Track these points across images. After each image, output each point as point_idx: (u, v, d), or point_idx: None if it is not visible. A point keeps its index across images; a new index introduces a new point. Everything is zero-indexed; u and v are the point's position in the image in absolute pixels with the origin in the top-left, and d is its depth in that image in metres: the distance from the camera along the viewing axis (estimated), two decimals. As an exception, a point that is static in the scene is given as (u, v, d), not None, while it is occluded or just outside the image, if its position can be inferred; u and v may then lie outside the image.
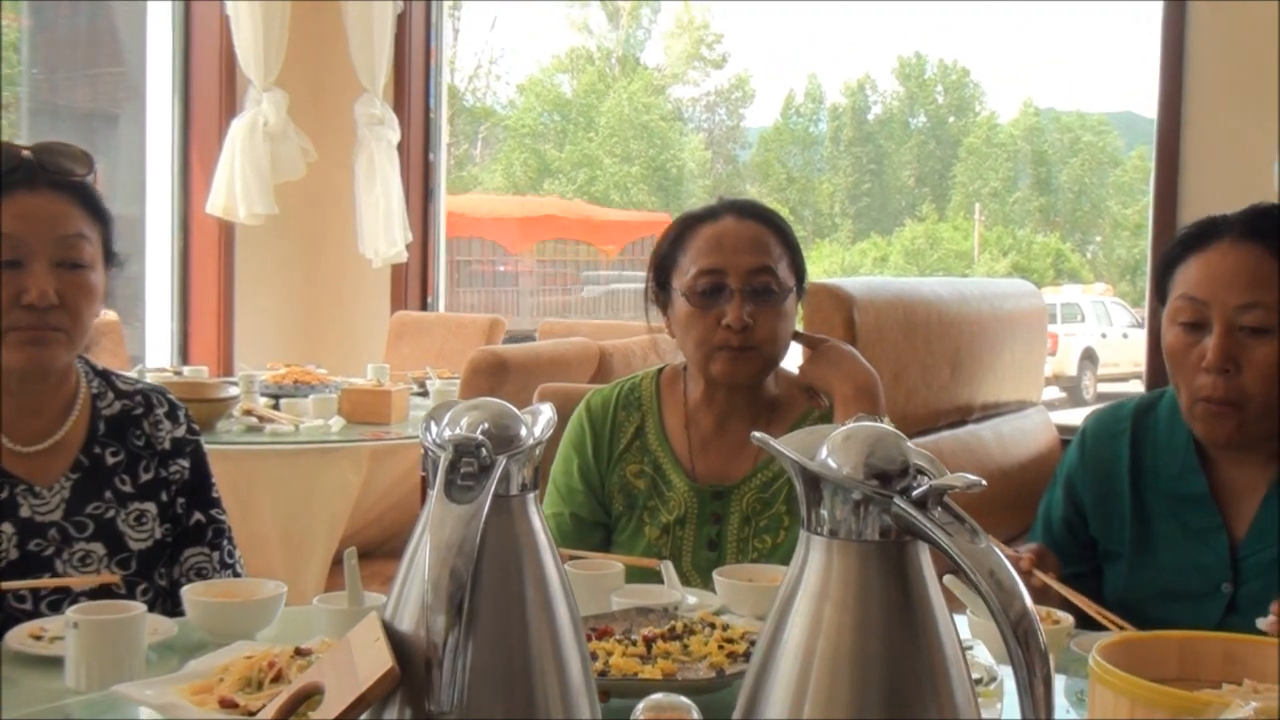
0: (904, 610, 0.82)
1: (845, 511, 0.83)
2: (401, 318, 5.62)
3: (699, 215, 2.12)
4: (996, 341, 3.75)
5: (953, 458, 3.45)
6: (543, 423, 1.03)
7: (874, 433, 0.85)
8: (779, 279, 2.05)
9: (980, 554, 0.79)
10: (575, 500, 2.15)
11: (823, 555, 0.84)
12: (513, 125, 27.26)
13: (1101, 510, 1.98)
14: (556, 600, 0.99)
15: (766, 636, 0.85)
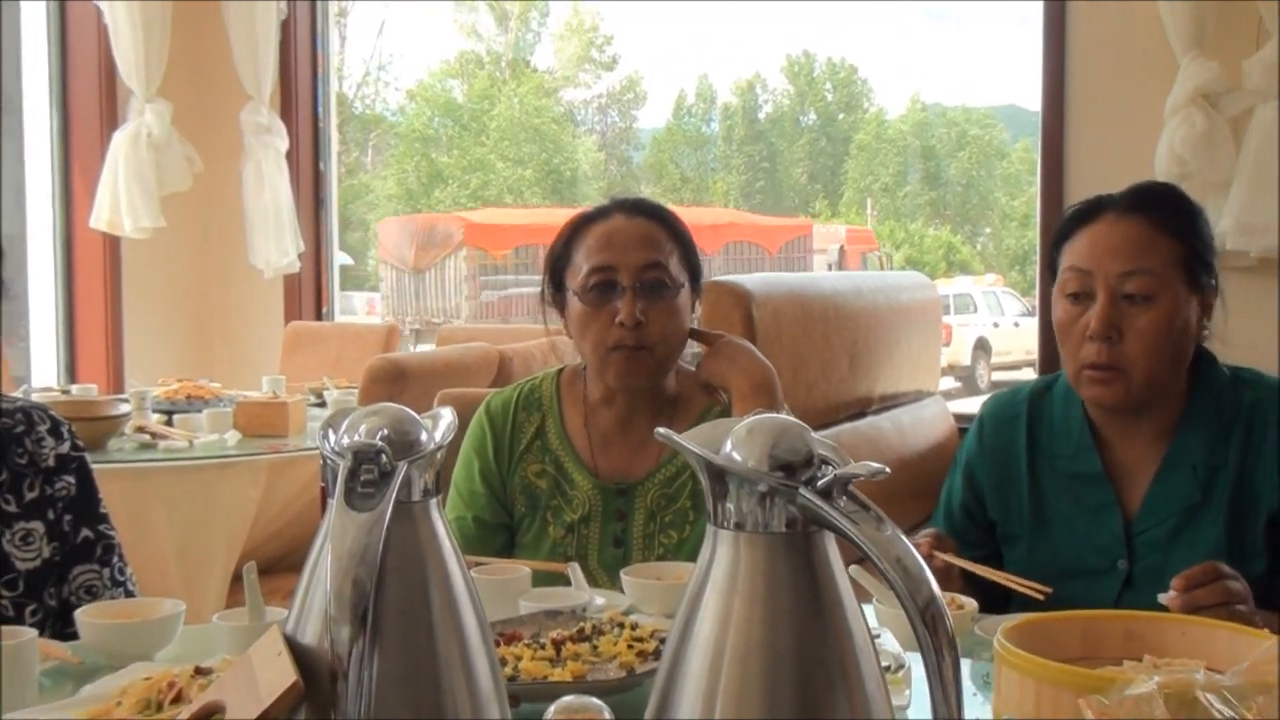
0: (813, 600, 0.82)
1: (751, 504, 0.83)
2: (296, 328, 5.53)
3: (590, 215, 2.12)
4: (893, 334, 3.80)
5: (853, 449, 3.48)
6: (443, 427, 1.01)
7: (778, 425, 0.85)
8: (671, 275, 2.05)
9: (886, 541, 0.80)
10: (477, 503, 2.13)
11: (730, 549, 0.84)
12: (403, 132, 27.05)
13: (1000, 493, 2.01)
14: (463, 606, 0.97)
15: (676, 632, 0.85)
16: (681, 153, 32.93)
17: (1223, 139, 4.01)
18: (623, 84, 31.39)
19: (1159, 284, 1.82)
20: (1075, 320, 1.85)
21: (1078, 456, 1.93)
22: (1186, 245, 1.85)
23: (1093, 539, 1.89)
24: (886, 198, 31.15)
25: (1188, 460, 1.86)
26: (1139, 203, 1.87)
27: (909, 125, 31.74)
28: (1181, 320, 1.83)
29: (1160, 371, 1.83)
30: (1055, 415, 1.98)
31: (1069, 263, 1.88)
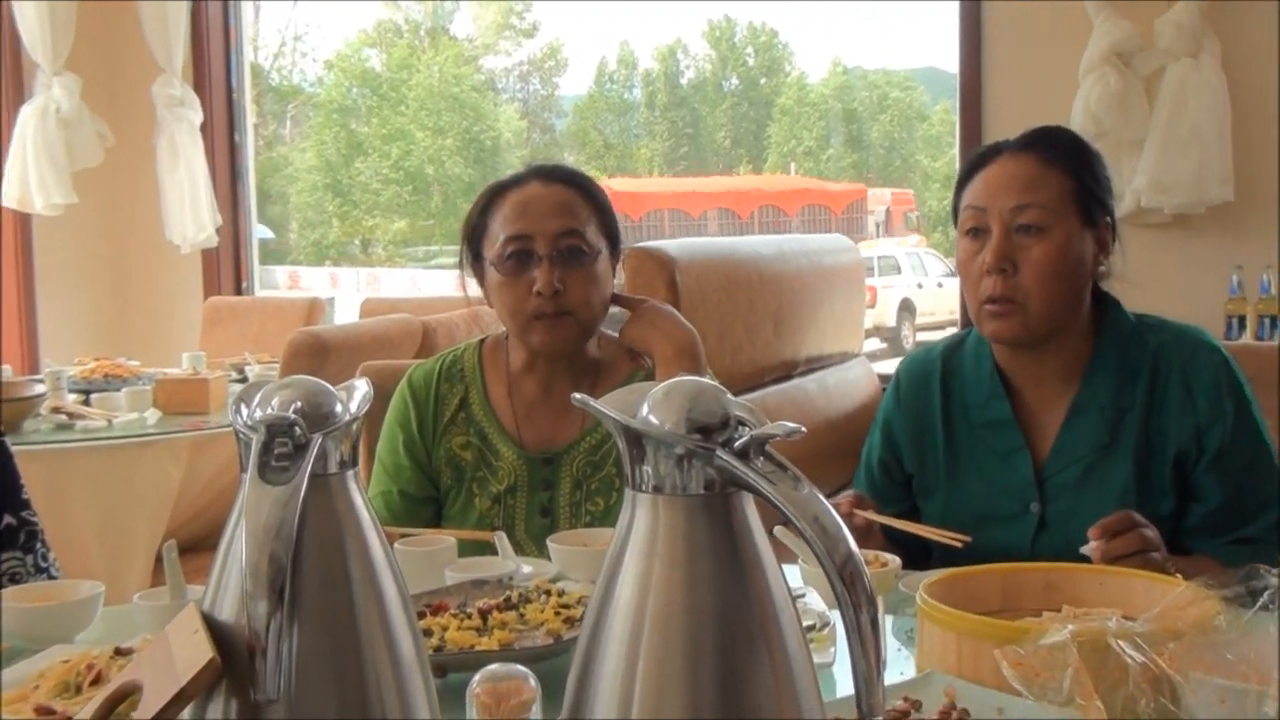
0: (732, 561, 0.82)
1: (669, 467, 0.82)
2: (216, 303, 5.45)
3: (506, 183, 2.10)
4: (817, 296, 3.82)
5: (779, 412, 3.51)
6: (359, 398, 1.00)
7: (694, 387, 0.85)
8: (588, 241, 2.03)
9: (804, 500, 0.80)
10: (403, 477, 2.11)
11: (649, 512, 0.83)
12: (321, 103, 26.63)
13: (916, 447, 2.04)
14: (383, 577, 0.96)
15: (597, 598, 0.85)
16: (604, 120, 32.81)
17: (1136, 97, 4.08)
18: (544, 51, 31.18)
19: (1051, 216, 1.85)
20: (974, 257, 1.89)
21: (988, 405, 1.97)
22: (1078, 181, 1.89)
23: (1005, 484, 1.92)
24: (810, 161, 31.25)
25: (1095, 403, 1.89)
26: (1032, 141, 1.92)
27: (830, 89, 31.82)
28: (1075, 253, 1.87)
29: (1057, 304, 1.86)
30: (967, 367, 2.02)
31: (966, 202, 1.93)
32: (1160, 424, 1.86)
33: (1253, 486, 1.83)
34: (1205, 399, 1.85)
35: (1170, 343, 1.90)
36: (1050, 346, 1.90)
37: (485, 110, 28.24)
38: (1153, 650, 0.97)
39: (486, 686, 1.09)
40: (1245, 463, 1.84)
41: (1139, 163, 4.07)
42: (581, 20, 34.63)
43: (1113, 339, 1.91)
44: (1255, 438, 1.86)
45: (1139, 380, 1.88)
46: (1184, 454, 1.85)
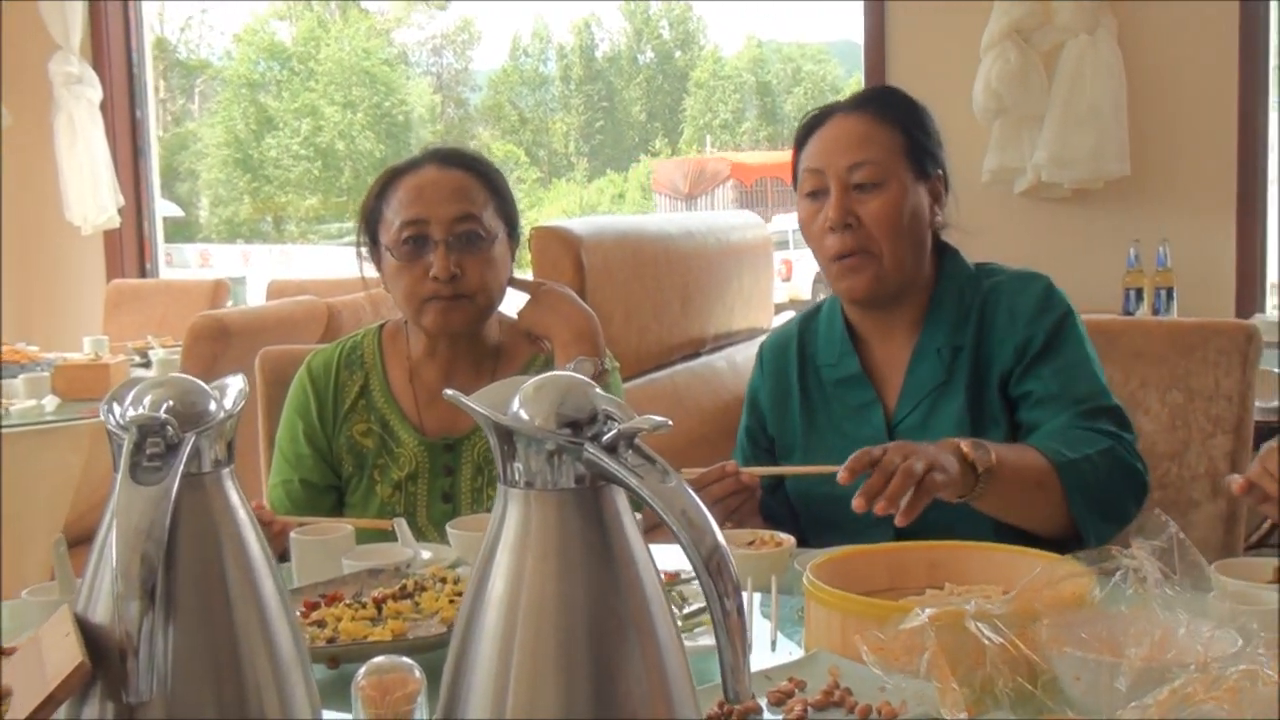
0: (604, 554, 0.83)
1: (539, 462, 0.83)
2: (119, 286, 5.35)
3: (402, 167, 2.09)
4: (724, 273, 3.83)
5: (688, 390, 3.53)
6: (233, 395, 1.00)
7: (564, 382, 0.86)
8: (485, 225, 2.02)
9: (670, 493, 0.80)
10: (304, 465, 2.10)
11: (520, 507, 0.84)
12: (229, 77, 26.17)
13: (777, 411, 2.08)
14: (260, 575, 0.96)
15: (470, 594, 0.85)
16: (519, 94, 32.61)
17: (1036, 74, 4.14)
18: (457, 24, 30.90)
19: (884, 171, 1.90)
20: (815, 216, 1.93)
21: (840, 363, 2.02)
22: (908, 136, 1.94)
23: (859, 436, 1.95)
24: (726, 134, 31.32)
25: (933, 346, 1.94)
26: (861, 101, 1.97)
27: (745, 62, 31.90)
28: (911, 204, 1.92)
29: (904, 253, 1.91)
30: (821, 329, 2.07)
31: (804, 165, 1.96)
32: (987, 353, 1.91)
33: (1066, 384, 1.86)
34: (1025, 318, 1.89)
35: (1003, 282, 1.95)
36: (896, 299, 1.95)
37: (397, 84, 27.93)
38: (1011, 631, 0.99)
39: (372, 679, 1.09)
40: (1061, 365, 1.87)
41: (1039, 138, 4.13)
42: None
43: (951, 285, 1.97)
44: (1073, 346, 1.90)
45: (971, 319, 1.93)
46: (1007, 374, 1.89)
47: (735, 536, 1.72)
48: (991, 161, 4.22)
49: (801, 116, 2.03)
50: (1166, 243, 4.03)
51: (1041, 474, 1.73)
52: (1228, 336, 2.21)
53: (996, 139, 4.21)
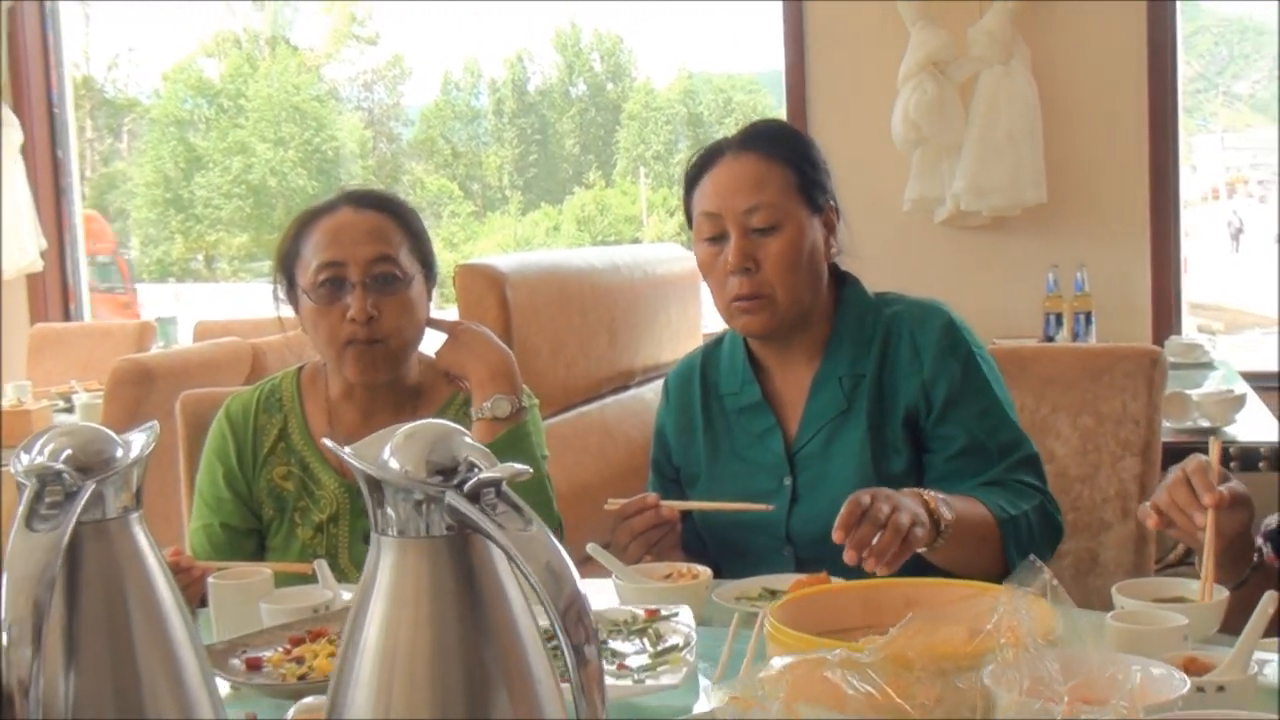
0: (474, 603, 0.84)
1: (408, 511, 0.84)
2: (42, 330, 5.28)
3: (318, 209, 2.09)
4: (651, 305, 3.86)
5: (618, 422, 3.55)
6: (140, 444, 1.00)
7: (435, 431, 0.87)
8: (401, 267, 2.03)
9: (528, 541, 0.81)
10: (224, 510, 2.09)
11: (392, 555, 0.85)
12: (158, 116, 25.92)
13: (683, 440, 2.11)
14: (168, 620, 0.97)
15: (344, 643, 0.86)
16: (452, 128, 32.53)
17: (953, 104, 4.21)
18: (387, 60, 30.87)
19: (780, 213, 1.93)
20: (715, 259, 1.95)
21: (742, 391, 2.05)
22: (799, 172, 1.97)
23: (761, 463, 2.00)
24: (659, 165, 31.42)
25: (835, 374, 1.98)
26: (749, 141, 1.99)
27: (676, 93, 32.07)
28: (809, 242, 1.95)
29: (801, 291, 1.95)
30: (723, 359, 2.10)
31: (700, 209, 1.98)
32: (890, 385, 1.95)
33: (989, 432, 1.91)
34: (930, 356, 1.93)
35: (903, 312, 1.99)
36: (796, 330, 1.99)
37: (328, 120, 27.73)
38: (882, 679, 0.99)
39: (303, 718, 1.09)
40: (977, 411, 1.92)
41: (957, 167, 4.20)
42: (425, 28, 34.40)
43: (850, 314, 2.01)
44: (984, 390, 1.94)
45: (873, 348, 1.97)
46: (913, 411, 1.93)
47: (653, 570, 1.74)
48: (912, 191, 4.29)
49: (689, 156, 2.05)
50: (1084, 268, 4.12)
51: (987, 528, 1.79)
52: (1134, 361, 2.26)
53: (916, 168, 4.28)
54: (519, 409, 2.03)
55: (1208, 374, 3.84)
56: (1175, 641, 1.28)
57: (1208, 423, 2.97)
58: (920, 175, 4.28)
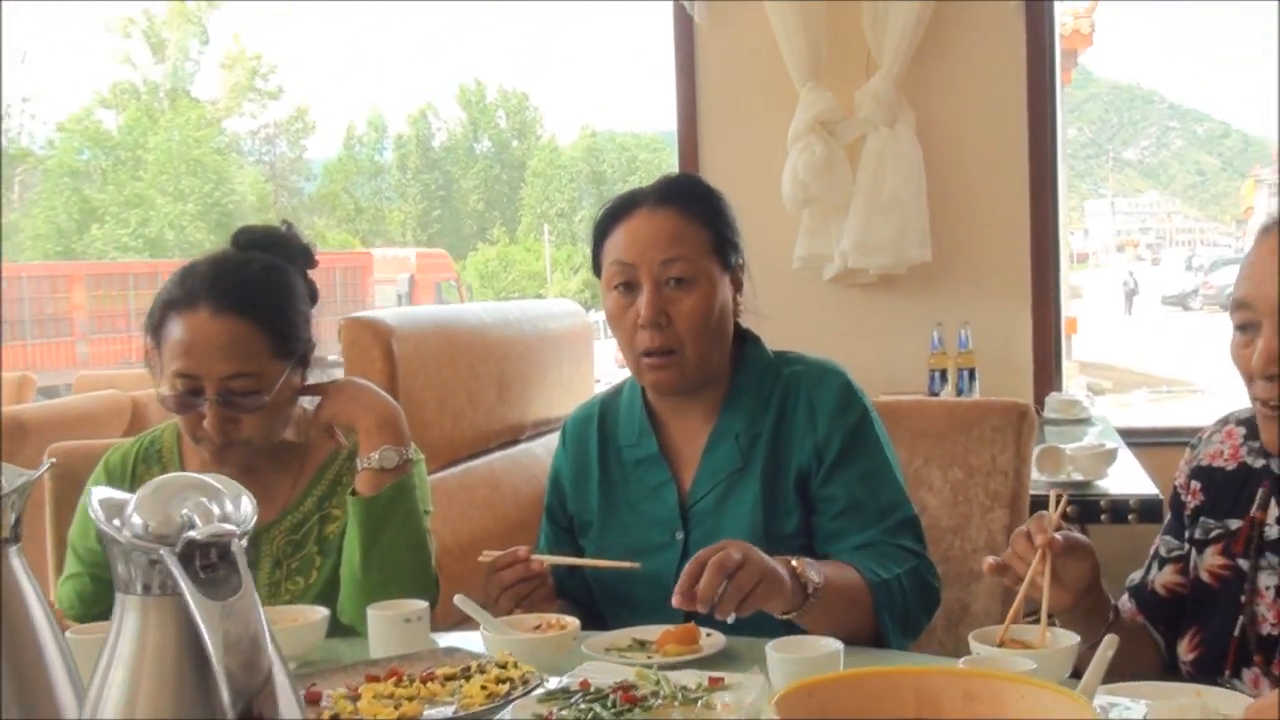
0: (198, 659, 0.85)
1: (143, 568, 0.86)
2: (-80, 382, 5.15)
3: (177, 300, 1.98)
4: (543, 361, 3.87)
5: (506, 476, 3.54)
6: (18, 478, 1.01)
7: (176, 485, 0.89)
8: (263, 378, 1.97)
9: (232, 609, 0.83)
10: (96, 562, 2.05)
11: (133, 612, 0.87)
12: (52, 167, 25.46)
13: (578, 488, 2.11)
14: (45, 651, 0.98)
15: (92, 698, 0.87)
16: (355, 183, 32.45)
17: (841, 165, 4.30)
18: (290, 114, 30.69)
19: (695, 269, 1.95)
20: (625, 310, 1.96)
21: (639, 443, 2.05)
22: (714, 231, 1.99)
23: (655, 516, 2.01)
24: (563, 222, 31.59)
25: (731, 432, 1.99)
26: (667, 195, 2.00)
27: (580, 151, 32.32)
28: (720, 300, 1.97)
29: (709, 349, 1.96)
30: (622, 409, 2.10)
31: (613, 257, 1.98)
32: (785, 445, 1.97)
33: (871, 493, 1.93)
34: (825, 417, 1.95)
35: (802, 372, 2.01)
36: (702, 384, 2.00)
37: (228, 173, 27.53)
38: None
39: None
40: (862, 473, 1.94)
41: (845, 226, 4.28)
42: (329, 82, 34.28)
43: (750, 372, 2.02)
44: (873, 452, 1.97)
45: (770, 407, 1.99)
46: (805, 471, 1.95)
47: (521, 621, 1.74)
48: (801, 249, 4.36)
49: (602, 205, 2.05)
50: (967, 325, 4.20)
51: (858, 592, 1.79)
52: (1003, 415, 2.32)
53: (805, 227, 4.35)
54: (406, 461, 2.02)
55: (1086, 430, 3.93)
56: (1023, 687, 1.30)
57: (1081, 476, 3.05)
58: (809, 234, 4.35)
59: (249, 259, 2.04)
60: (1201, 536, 1.76)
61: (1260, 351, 1.58)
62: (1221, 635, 1.69)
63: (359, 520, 1.97)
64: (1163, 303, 30.95)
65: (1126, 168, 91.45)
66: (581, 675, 1.48)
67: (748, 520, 1.93)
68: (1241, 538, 1.71)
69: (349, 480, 2.05)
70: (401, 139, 32.84)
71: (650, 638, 1.70)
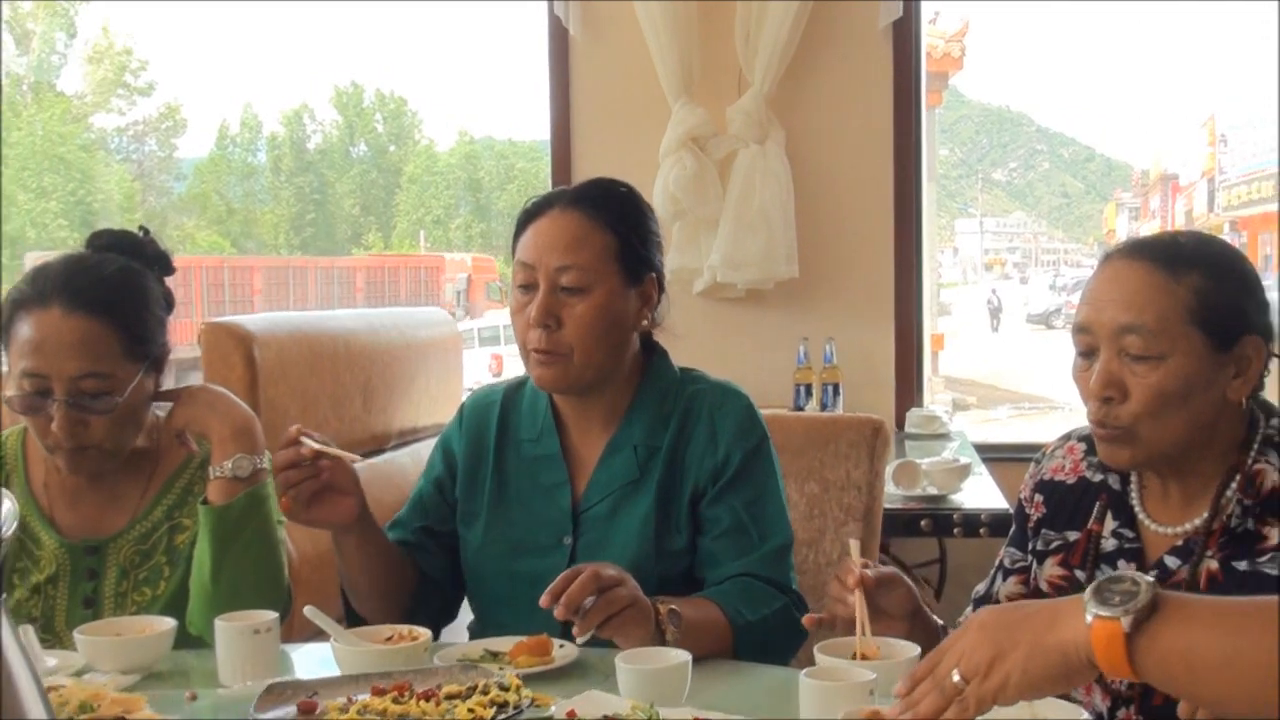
0: None
1: None
2: None
3: (27, 299, 1.93)
4: (410, 369, 3.84)
5: (370, 485, 3.44)
6: None
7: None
8: (115, 378, 1.93)
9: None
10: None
11: None
12: (-99, 162, 24.59)
13: (469, 473, 2.08)
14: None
15: None
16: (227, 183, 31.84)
17: (711, 180, 4.35)
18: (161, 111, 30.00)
19: (591, 277, 1.93)
20: (523, 308, 1.96)
21: (540, 440, 2.04)
22: (622, 239, 1.97)
23: (545, 517, 2.00)
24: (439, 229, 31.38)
25: (630, 442, 2.00)
26: (580, 198, 1.99)
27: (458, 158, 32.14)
28: (616, 310, 1.96)
29: (597, 355, 1.95)
30: (525, 403, 2.09)
31: (518, 256, 1.99)
32: (683, 463, 1.98)
33: (754, 517, 1.95)
34: (725, 439, 1.97)
35: (705, 391, 2.03)
36: (596, 391, 2.00)
37: (94, 171, 26.79)
38: None
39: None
40: (750, 498, 1.96)
41: (714, 241, 4.33)
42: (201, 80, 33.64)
43: (655, 385, 2.03)
44: (765, 475, 1.99)
45: (671, 423, 2.00)
46: (700, 491, 1.97)
47: (374, 633, 1.73)
48: (672, 262, 4.39)
49: (526, 201, 2.03)
50: (832, 341, 4.28)
51: (720, 631, 1.81)
52: (858, 430, 2.37)
53: (676, 241, 4.39)
54: (259, 469, 2.00)
55: (945, 445, 4.03)
56: (862, 696, 1.34)
57: (936, 490, 3.12)
58: (679, 247, 4.39)
59: (104, 259, 2.00)
60: (1042, 548, 1.82)
61: (1096, 375, 1.64)
62: None
63: (210, 529, 1.94)
64: (1028, 321, 31.83)
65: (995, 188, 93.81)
66: (572, 705, 1.46)
67: (638, 533, 1.94)
68: (1079, 549, 1.78)
69: (200, 489, 2.02)
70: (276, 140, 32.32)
71: (504, 649, 1.70)
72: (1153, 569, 1.69)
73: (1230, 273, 1.65)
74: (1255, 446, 1.65)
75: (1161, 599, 1.11)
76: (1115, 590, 1.12)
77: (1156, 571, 1.68)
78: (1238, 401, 1.65)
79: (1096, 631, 1.11)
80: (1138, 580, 1.12)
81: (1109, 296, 1.64)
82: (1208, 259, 1.64)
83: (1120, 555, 1.73)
